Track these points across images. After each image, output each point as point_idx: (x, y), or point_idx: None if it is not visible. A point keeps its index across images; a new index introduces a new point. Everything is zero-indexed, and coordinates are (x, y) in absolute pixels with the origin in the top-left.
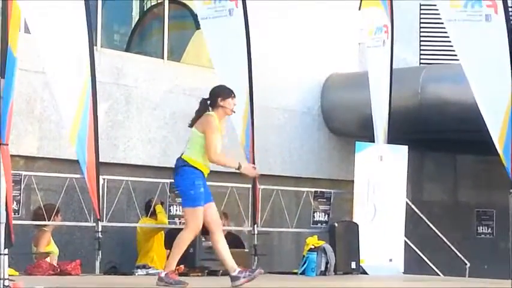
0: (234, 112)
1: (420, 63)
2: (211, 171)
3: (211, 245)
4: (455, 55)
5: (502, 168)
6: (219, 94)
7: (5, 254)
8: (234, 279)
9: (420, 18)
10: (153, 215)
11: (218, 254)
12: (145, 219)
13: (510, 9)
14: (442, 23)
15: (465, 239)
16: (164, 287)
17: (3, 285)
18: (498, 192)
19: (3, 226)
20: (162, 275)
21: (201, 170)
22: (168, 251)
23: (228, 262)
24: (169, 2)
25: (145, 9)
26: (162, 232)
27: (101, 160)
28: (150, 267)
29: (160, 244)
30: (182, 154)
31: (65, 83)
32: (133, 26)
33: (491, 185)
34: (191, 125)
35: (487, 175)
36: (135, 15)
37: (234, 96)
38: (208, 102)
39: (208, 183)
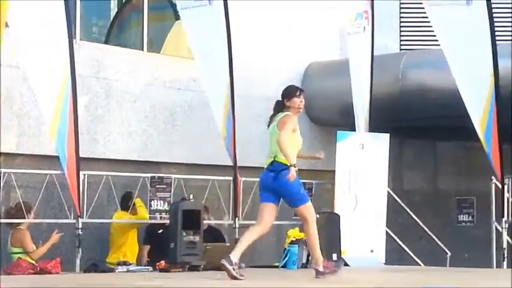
0: (301, 108)
1: (401, 49)
2: (192, 164)
3: (192, 239)
4: (436, 41)
5: (482, 155)
6: (284, 96)
7: None
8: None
9: (400, 4)
10: (130, 208)
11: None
12: (121, 213)
13: None
14: (422, 9)
15: (445, 228)
16: (330, 275)
17: None
18: (478, 179)
19: None
20: (321, 269)
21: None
22: (148, 246)
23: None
24: None
25: (123, 1)
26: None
27: (80, 155)
28: (130, 264)
29: (133, 239)
30: (275, 156)
31: (44, 78)
32: (112, 18)
33: (471, 172)
34: (268, 126)
35: (467, 162)
36: (114, 7)
37: (299, 93)
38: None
39: (188, 176)
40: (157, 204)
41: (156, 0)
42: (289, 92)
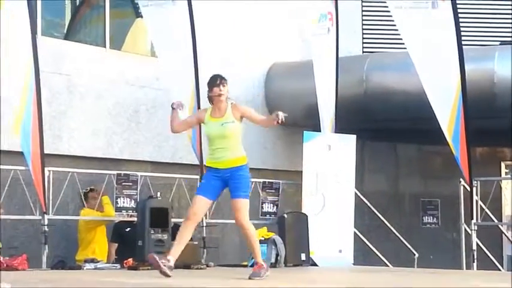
0: (217, 95)
1: (363, 51)
2: (156, 162)
3: (160, 237)
4: (398, 43)
5: (443, 158)
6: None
7: None
8: None
9: (362, 6)
10: (97, 205)
11: None
12: (88, 211)
13: None
14: (384, 11)
15: (411, 229)
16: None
17: None
18: (440, 182)
19: None
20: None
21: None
22: (115, 244)
23: None
24: None
25: None
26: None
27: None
28: (98, 261)
29: (102, 236)
30: None
31: (8, 73)
32: (68, 15)
33: (431, 175)
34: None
35: (428, 164)
36: (68, 4)
37: (218, 84)
38: None
39: (155, 174)
40: (123, 202)
41: None
42: (209, 83)
